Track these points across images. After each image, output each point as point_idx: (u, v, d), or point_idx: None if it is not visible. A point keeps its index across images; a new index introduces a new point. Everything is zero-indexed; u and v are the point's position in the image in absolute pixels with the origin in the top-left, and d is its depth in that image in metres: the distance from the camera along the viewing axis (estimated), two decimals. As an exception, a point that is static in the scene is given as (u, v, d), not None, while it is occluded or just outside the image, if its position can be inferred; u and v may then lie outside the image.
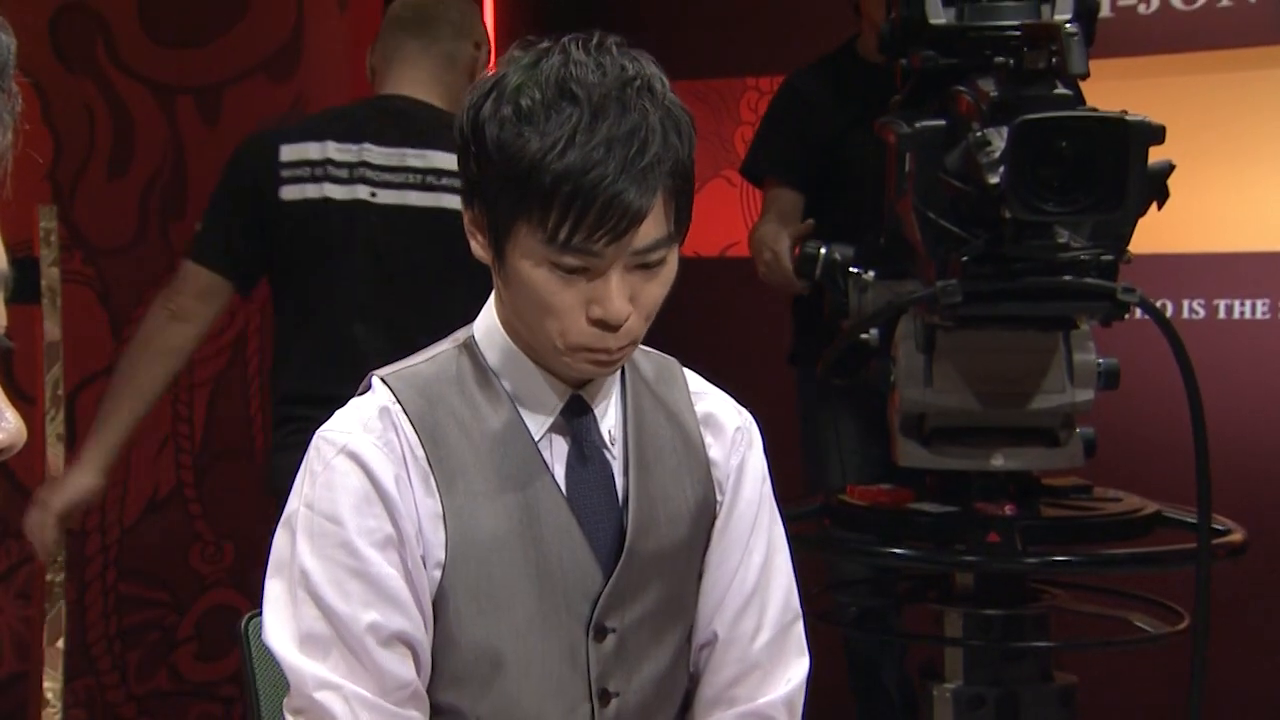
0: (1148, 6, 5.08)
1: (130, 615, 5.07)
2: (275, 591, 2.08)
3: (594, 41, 2.02)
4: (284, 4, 5.45)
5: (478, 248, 2.13)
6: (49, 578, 3.68)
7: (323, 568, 2.04)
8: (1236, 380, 4.84)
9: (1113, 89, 4.23)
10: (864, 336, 3.45)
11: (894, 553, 3.53)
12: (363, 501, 2.05)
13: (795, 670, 2.28)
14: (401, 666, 2.05)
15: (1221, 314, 5.06)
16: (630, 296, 2.03)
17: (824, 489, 3.95)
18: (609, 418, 2.23)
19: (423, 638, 2.09)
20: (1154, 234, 3.50)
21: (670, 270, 2.09)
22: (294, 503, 2.10)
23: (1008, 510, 3.36)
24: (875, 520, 3.56)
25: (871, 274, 3.49)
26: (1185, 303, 5.02)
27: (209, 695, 5.21)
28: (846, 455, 4.29)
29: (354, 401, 2.18)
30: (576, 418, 2.19)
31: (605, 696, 2.16)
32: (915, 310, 3.32)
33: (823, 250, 3.58)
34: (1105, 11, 4.90)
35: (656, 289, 2.07)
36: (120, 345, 5.01)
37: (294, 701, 2.03)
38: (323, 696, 2.01)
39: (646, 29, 5.47)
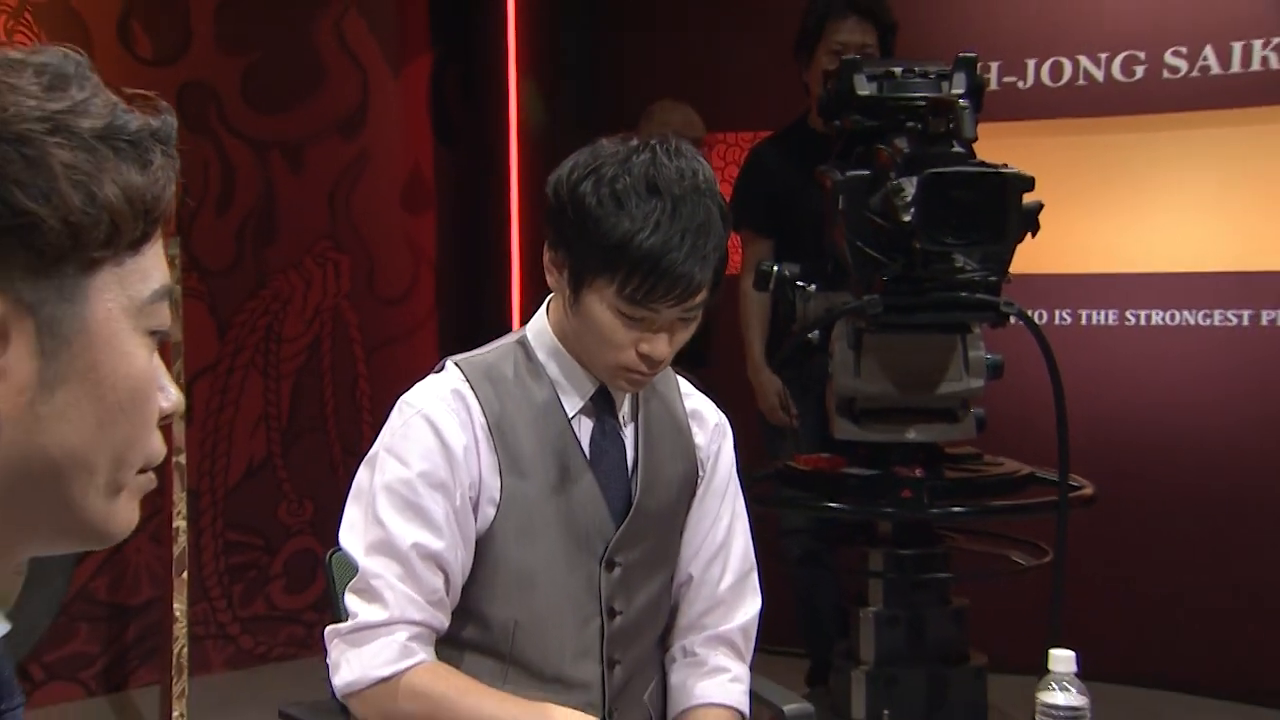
0: (1025, 83, 5.10)
1: (234, 556, 5.09)
2: (353, 512, 2.19)
3: (673, 146, 2.13)
4: (351, 79, 5.46)
5: (552, 278, 2.19)
6: (175, 525, 3.68)
7: (388, 497, 2.13)
8: (1093, 373, 4.86)
9: (1000, 146, 4.32)
10: (809, 337, 3.48)
11: (830, 506, 3.58)
12: (428, 453, 2.12)
13: (750, 607, 2.36)
14: (434, 578, 2.13)
15: (1083, 321, 5.08)
16: (670, 342, 2.14)
17: (778, 457, 4.01)
18: (624, 406, 2.30)
19: (454, 561, 2.16)
20: (1032, 258, 3.53)
21: (697, 320, 2.19)
22: (376, 447, 2.18)
23: (918, 473, 3.44)
24: (816, 481, 3.59)
25: (814, 287, 3.52)
26: (1056, 312, 5.04)
27: (294, 619, 5.22)
28: (796, 441, 4.22)
29: (432, 378, 2.24)
30: (601, 403, 2.26)
31: (611, 613, 2.23)
32: (847, 317, 3.37)
33: (775, 268, 3.61)
34: (993, 86, 4.97)
35: (688, 332, 2.17)
36: (224, 346, 5.10)
37: (356, 584, 2.12)
38: (376, 583, 2.10)
39: (636, 90, 5.57)
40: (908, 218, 3.06)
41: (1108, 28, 5.06)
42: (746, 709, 2.36)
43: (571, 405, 2.24)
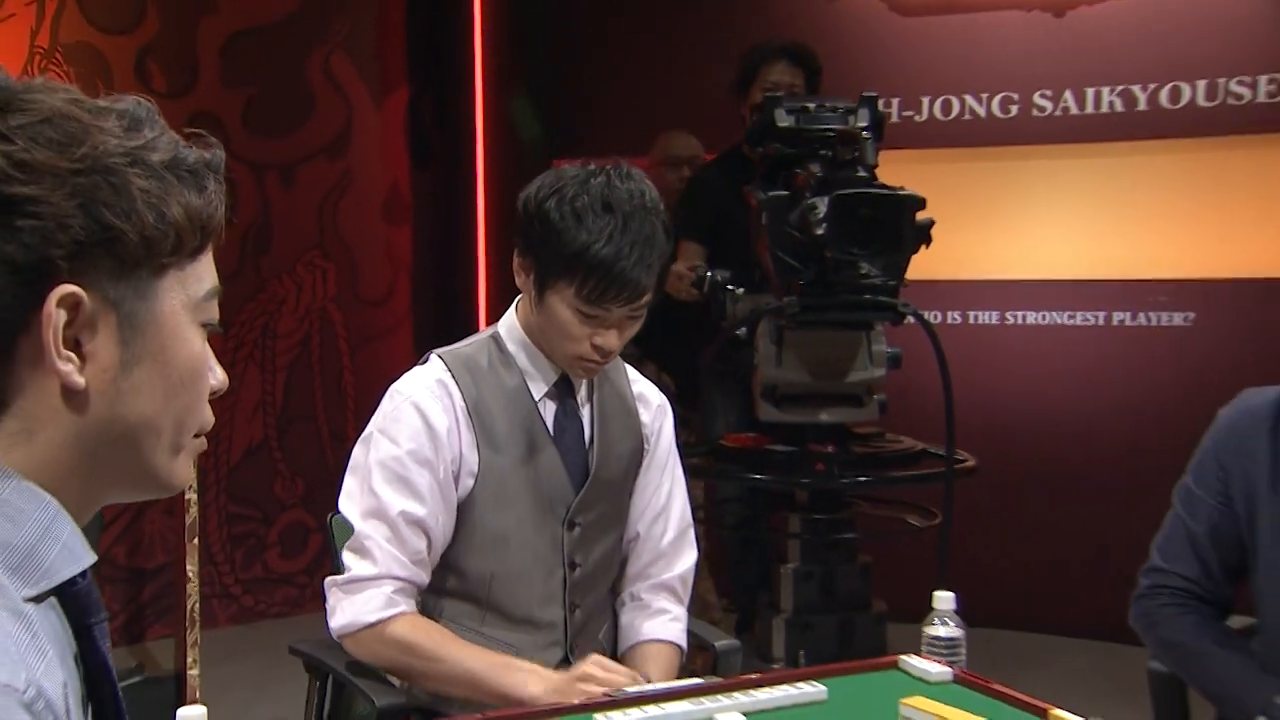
0: (920, 117, 5.17)
1: (235, 526, 5.09)
2: (350, 482, 2.21)
3: (625, 171, 2.17)
4: (337, 108, 5.46)
5: (519, 280, 2.22)
6: (187, 498, 3.65)
7: (380, 471, 2.15)
8: (978, 365, 4.89)
9: (900, 170, 4.37)
10: (737, 333, 3.49)
11: (754, 477, 3.60)
12: (415, 434, 2.15)
13: (688, 558, 2.40)
14: (418, 541, 2.16)
15: (970, 321, 5.15)
16: (619, 337, 2.18)
17: (711, 436, 3.99)
18: (582, 390, 2.32)
19: (436, 526, 2.18)
20: (927, 266, 3.51)
21: (642, 319, 2.22)
22: (370, 428, 2.20)
23: (830, 449, 3.46)
24: (743, 457, 3.59)
25: (742, 290, 3.51)
26: (947, 313, 5.10)
27: (289, 581, 5.22)
28: (727, 414, 4.19)
29: (418, 369, 2.27)
30: (563, 388, 2.29)
31: (572, 566, 2.26)
32: (770, 316, 3.40)
33: (708, 273, 3.60)
34: (894, 119, 5.06)
35: (634, 328, 2.21)
36: (226, 342, 5.04)
37: (351, 544, 2.16)
38: (368, 543, 2.14)
39: (589, 118, 5.61)
40: (820, 231, 3.09)
41: (988, 73, 5.12)
42: (684, 644, 2.35)
43: (537, 390, 2.26)
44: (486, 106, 5.77)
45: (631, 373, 2.44)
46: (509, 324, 2.29)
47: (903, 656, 2.07)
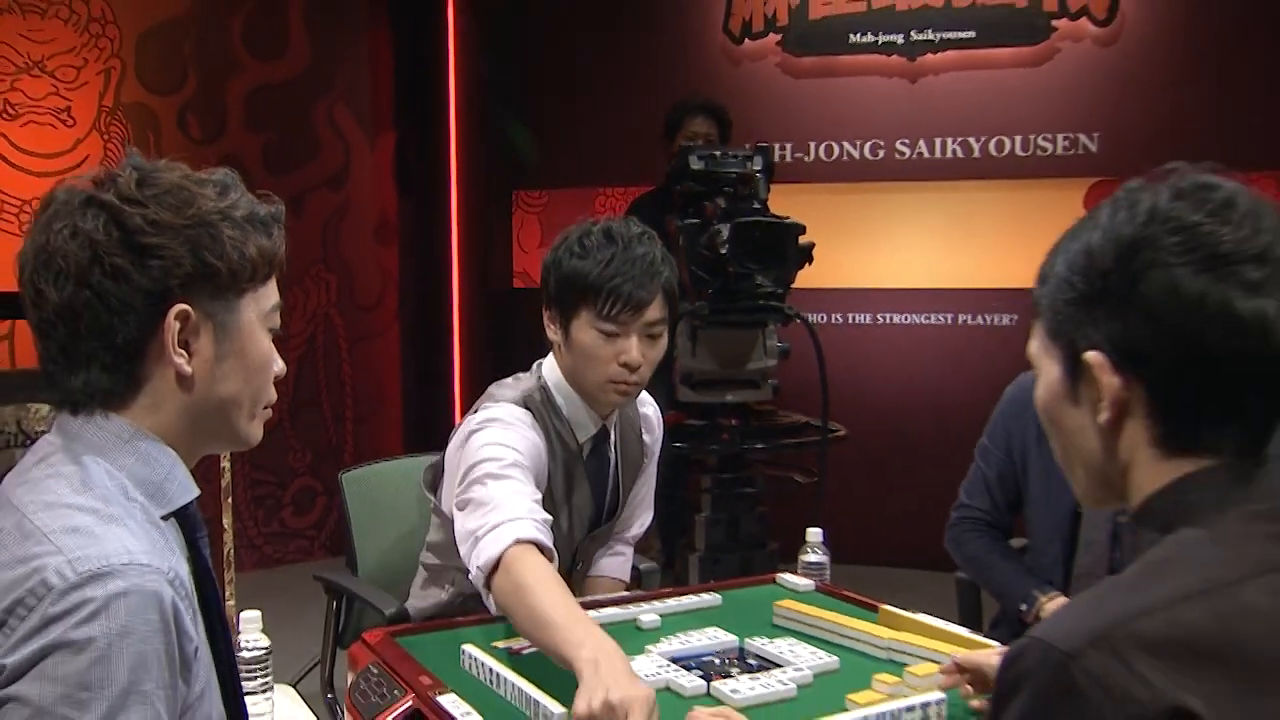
0: (809, 158, 5.26)
1: (257, 489, 5.12)
2: (486, 469, 1.89)
3: (621, 218, 2.07)
4: (338, 149, 5.46)
5: (550, 332, 2.07)
6: (223, 465, 3.69)
7: (494, 462, 1.89)
8: (855, 357, 5.04)
9: (793, 200, 4.47)
10: None
11: (676, 445, 3.42)
12: (528, 441, 1.97)
13: (645, 520, 2.37)
14: (538, 502, 1.87)
15: (849, 321, 5.25)
16: (643, 352, 2.02)
17: None
18: (614, 435, 2.19)
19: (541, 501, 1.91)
20: (815, 277, 3.50)
21: (664, 342, 2.07)
22: (489, 429, 1.95)
23: (734, 422, 3.50)
24: (667, 430, 3.59)
25: None
26: (831, 314, 5.16)
27: (300, 535, 5.25)
28: (654, 395, 4.25)
29: (502, 408, 2.02)
30: (600, 436, 2.15)
31: (575, 562, 2.21)
32: (687, 318, 3.37)
33: None
34: (788, 159, 5.19)
35: (656, 351, 2.06)
36: None
37: (472, 511, 1.83)
38: (495, 495, 1.83)
39: (548, 153, 5.71)
40: (724, 251, 3.12)
41: (860, 124, 5.22)
42: (628, 578, 2.37)
43: (581, 436, 2.12)
44: (459, 146, 5.78)
45: (641, 396, 2.28)
46: (555, 378, 2.11)
47: (779, 574, 2.24)
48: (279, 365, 1.33)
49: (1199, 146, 4.39)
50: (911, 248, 5.21)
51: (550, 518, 1.83)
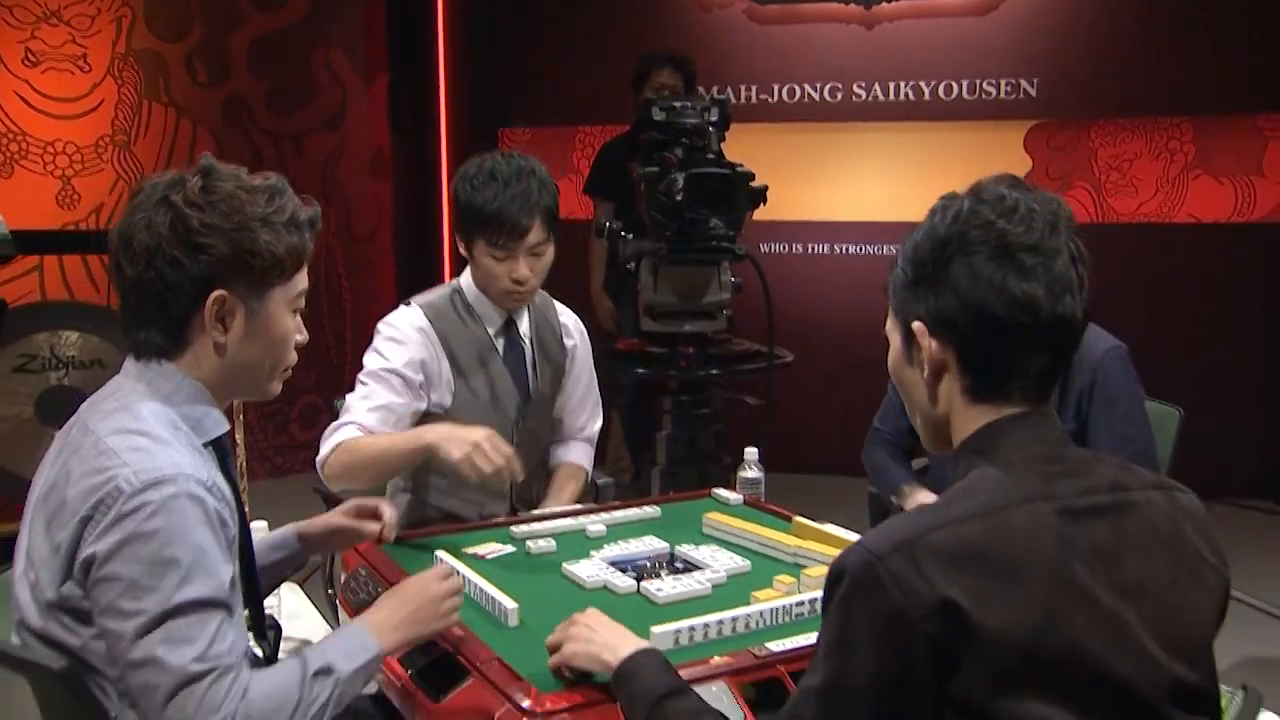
0: (772, 100, 5.36)
1: (266, 406, 5.20)
2: (361, 375, 2.29)
3: (510, 154, 2.29)
4: (335, 92, 5.54)
5: (461, 247, 2.32)
6: None
7: (373, 368, 2.27)
8: (814, 285, 5.21)
9: (757, 140, 4.58)
10: (628, 267, 3.52)
11: (638, 371, 3.59)
12: (404, 350, 2.28)
13: (596, 424, 2.62)
14: (386, 414, 2.23)
15: (809, 251, 5.40)
16: (530, 267, 2.29)
17: (610, 342, 3.98)
18: (524, 324, 2.44)
19: (401, 412, 2.25)
20: (779, 210, 3.62)
21: (549, 257, 2.33)
22: (376, 340, 2.29)
23: (691, 350, 3.50)
24: (632, 357, 3.62)
25: (631, 235, 3.52)
26: (792, 244, 5.34)
27: (306, 447, 5.28)
28: (624, 323, 4.28)
29: (406, 311, 2.34)
30: (510, 326, 2.41)
31: (517, 446, 2.28)
32: (648, 256, 3.44)
33: (607, 222, 3.59)
34: (753, 101, 5.29)
35: (542, 264, 2.32)
36: None
37: (342, 412, 2.27)
38: (351, 404, 2.25)
39: (527, 90, 5.83)
40: (680, 197, 3.20)
41: (820, 68, 5.32)
42: (588, 466, 2.57)
43: (491, 329, 2.39)
44: (447, 88, 5.83)
45: (560, 307, 2.55)
46: (466, 280, 2.39)
47: (714, 490, 2.45)
48: (301, 336, 1.55)
49: (1126, 93, 4.61)
50: (866, 183, 5.35)
51: (386, 414, 2.22)
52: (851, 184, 5.37)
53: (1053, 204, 1.23)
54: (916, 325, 1.24)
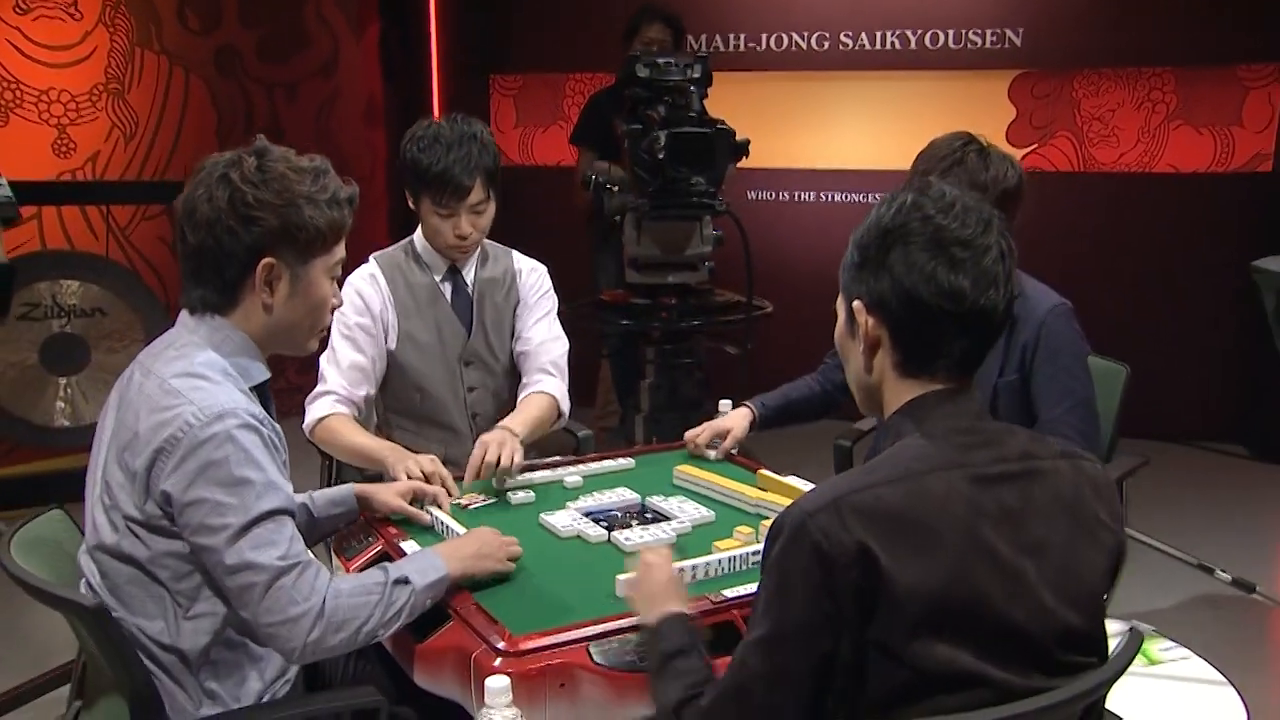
0: (760, 48, 5.40)
1: None
2: (330, 338, 2.44)
3: (456, 117, 2.42)
4: (327, 40, 5.58)
5: (410, 203, 2.47)
6: None
7: (336, 331, 2.45)
8: (800, 231, 5.27)
9: (745, 88, 4.66)
10: (615, 219, 3.67)
11: (623, 322, 3.74)
12: (359, 309, 2.46)
13: (557, 350, 2.61)
14: (357, 375, 2.44)
15: (796, 199, 5.42)
16: (471, 224, 2.44)
17: (595, 292, 4.09)
18: (469, 272, 2.57)
19: (368, 365, 2.45)
20: (768, 157, 3.78)
21: (491, 213, 2.46)
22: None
23: (673, 301, 3.65)
24: (617, 307, 3.76)
25: (616, 189, 3.72)
26: (779, 192, 5.39)
27: (299, 390, 5.43)
28: (608, 273, 4.37)
29: (362, 268, 2.50)
30: (455, 273, 2.56)
31: (470, 389, 2.58)
32: (633, 210, 3.55)
33: (594, 178, 3.79)
34: (741, 49, 5.32)
35: (484, 220, 2.47)
36: None
37: (319, 376, 2.45)
38: (325, 372, 2.45)
39: (516, 41, 5.89)
40: (661, 156, 3.30)
41: (808, 16, 5.34)
42: (554, 394, 2.55)
43: (437, 275, 2.55)
44: (438, 35, 5.86)
45: (516, 255, 2.68)
46: (418, 235, 2.56)
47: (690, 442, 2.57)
48: (338, 297, 1.75)
49: (1109, 43, 4.70)
50: (852, 132, 5.41)
51: (360, 376, 2.43)
52: (838, 132, 5.43)
53: (986, 206, 1.36)
54: (856, 304, 1.37)
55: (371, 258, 2.55)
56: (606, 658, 1.59)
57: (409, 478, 2.14)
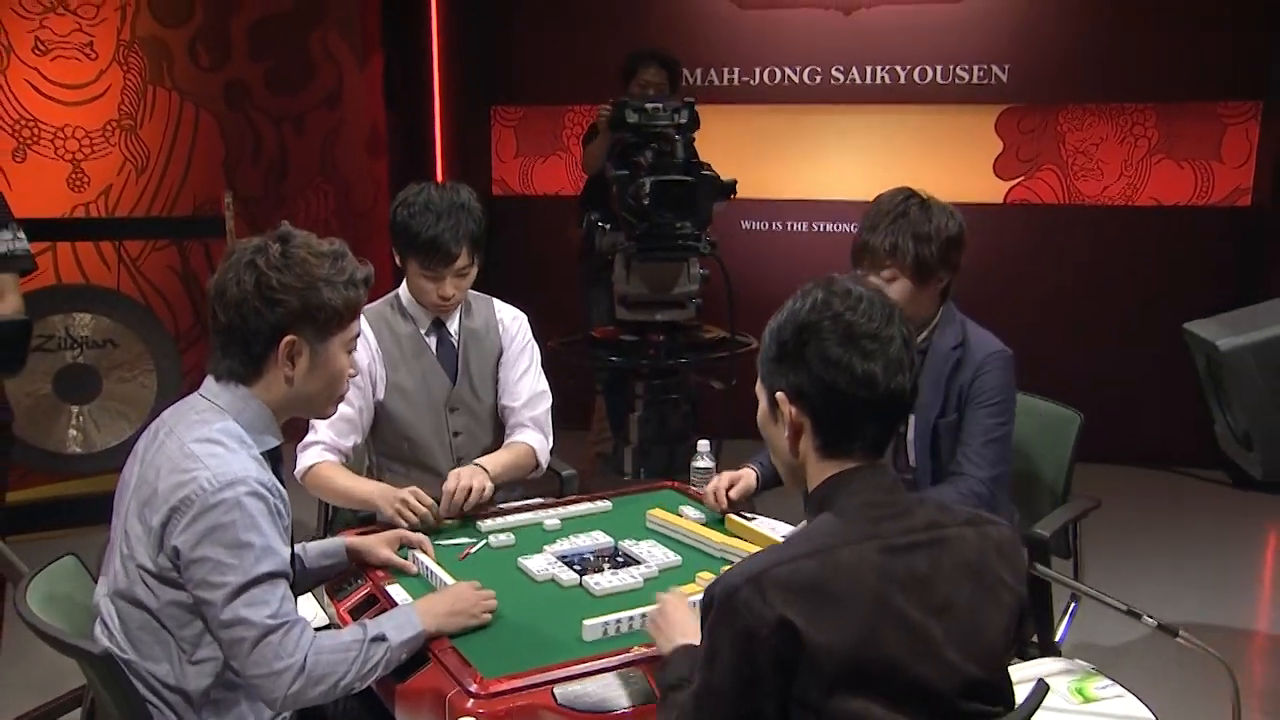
0: (754, 82, 5.52)
1: None
2: None
3: (447, 185, 2.53)
4: (332, 72, 5.73)
5: (398, 259, 2.57)
6: None
7: None
8: (791, 263, 5.28)
9: (741, 121, 4.84)
10: (608, 257, 3.75)
11: (611, 359, 3.84)
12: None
13: (540, 406, 2.71)
14: (345, 426, 2.53)
15: (788, 229, 5.50)
16: (455, 286, 2.55)
17: (586, 329, 4.14)
18: (453, 324, 2.68)
19: (355, 416, 2.53)
20: (762, 189, 3.95)
21: (474, 275, 2.57)
22: None
23: (661, 338, 3.76)
24: (606, 344, 3.88)
25: (608, 227, 3.76)
26: (772, 222, 5.44)
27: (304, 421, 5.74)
28: (599, 309, 4.38)
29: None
30: (439, 324, 2.66)
31: (455, 434, 2.68)
32: (622, 251, 3.68)
33: (589, 216, 3.86)
34: (735, 83, 5.45)
35: (467, 282, 2.59)
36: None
37: (310, 433, 2.53)
38: (313, 426, 2.51)
39: (516, 73, 6.01)
40: (647, 202, 3.46)
41: (800, 52, 5.47)
42: (534, 445, 2.66)
43: (422, 327, 2.65)
44: (440, 67, 5.99)
45: (497, 304, 2.77)
46: (403, 287, 2.67)
47: (677, 484, 2.65)
48: (352, 370, 1.90)
49: (1094, 80, 4.86)
50: (843, 164, 5.55)
51: (348, 427, 2.53)
52: (829, 164, 5.57)
53: (885, 297, 1.52)
54: (779, 395, 1.53)
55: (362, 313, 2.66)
56: (569, 699, 1.73)
57: (401, 518, 2.30)
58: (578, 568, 2.19)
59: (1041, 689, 1.53)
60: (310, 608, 2.32)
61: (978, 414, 2.40)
